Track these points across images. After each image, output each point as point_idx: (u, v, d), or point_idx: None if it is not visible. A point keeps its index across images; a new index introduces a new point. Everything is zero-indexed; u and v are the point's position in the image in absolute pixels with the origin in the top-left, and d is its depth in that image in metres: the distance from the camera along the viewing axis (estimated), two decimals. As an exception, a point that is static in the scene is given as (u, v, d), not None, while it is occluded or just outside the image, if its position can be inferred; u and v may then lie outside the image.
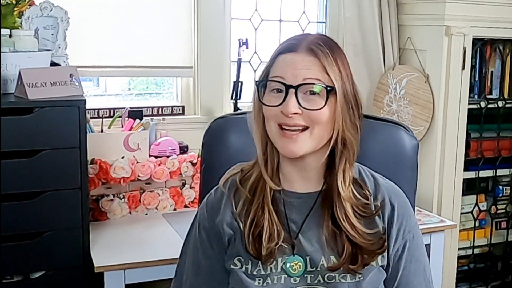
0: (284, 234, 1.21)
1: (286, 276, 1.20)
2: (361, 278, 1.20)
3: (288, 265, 1.20)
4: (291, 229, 1.22)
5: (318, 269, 1.20)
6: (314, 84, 1.15)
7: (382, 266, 1.23)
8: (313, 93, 1.15)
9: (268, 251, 1.19)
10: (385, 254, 1.23)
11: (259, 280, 1.20)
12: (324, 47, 1.18)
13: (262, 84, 1.20)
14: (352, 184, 1.23)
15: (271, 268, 1.20)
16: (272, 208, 1.22)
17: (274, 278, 1.20)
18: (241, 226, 1.22)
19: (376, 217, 1.23)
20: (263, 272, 1.20)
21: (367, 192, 1.24)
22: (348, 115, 1.19)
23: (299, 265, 1.20)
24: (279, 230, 1.20)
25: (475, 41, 2.64)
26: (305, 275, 1.20)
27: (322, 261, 1.20)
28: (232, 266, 1.22)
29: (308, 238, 1.22)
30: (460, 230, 2.78)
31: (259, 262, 1.20)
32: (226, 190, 1.27)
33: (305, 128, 1.17)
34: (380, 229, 1.22)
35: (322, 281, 1.20)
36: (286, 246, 1.21)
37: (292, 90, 1.15)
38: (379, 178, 1.28)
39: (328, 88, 1.15)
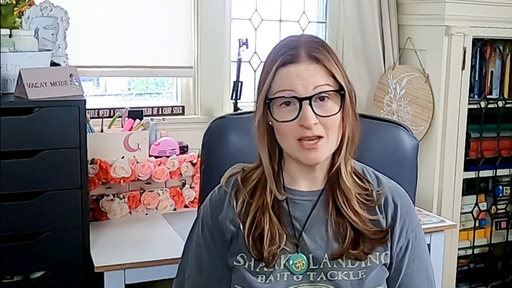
0: (286, 236, 1.21)
1: (289, 273, 1.20)
2: (364, 276, 1.20)
3: (291, 262, 1.21)
4: (295, 227, 1.23)
5: (321, 266, 1.20)
6: (326, 91, 1.15)
7: (384, 265, 1.24)
8: (322, 98, 1.16)
9: (270, 254, 1.19)
10: (388, 252, 1.24)
11: (262, 277, 1.20)
12: (322, 50, 1.18)
13: (271, 102, 1.17)
14: (354, 176, 1.25)
15: (274, 265, 1.21)
16: (275, 207, 1.22)
17: (277, 275, 1.20)
18: (241, 227, 1.22)
19: (379, 214, 1.24)
20: (266, 269, 1.20)
21: (368, 184, 1.25)
22: (352, 110, 1.21)
23: (302, 263, 1.21)
24: (281, 233, 1.21)
25: (475, 41, 2.64)
26: (308, 273, 1.21)
27: (325, 259, 1.21)
28: (235, 263, 1.23)
29: (312, 235, 1.22)
30: (460, 230, 2.78)
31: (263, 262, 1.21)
32: (228, 189, 1.27)
33: (322, 136, 1.17)
34: (381, 222, 1.23)
35: (325, 278, 1.20)
36: (289, 246, 1.21)
37: (306, 102, 1.14)
38: (382, 178, 1.29)
39: (341, 92, 1.17)
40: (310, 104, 1.14)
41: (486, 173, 2.84)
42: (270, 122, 1.21)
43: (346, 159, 1.23)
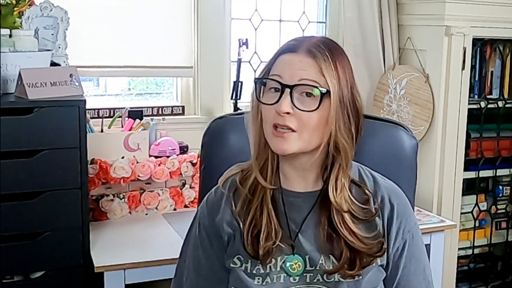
0: (283, 234, 1.21)
1: (285, 275, 1.20)
2: (360, 278, 1.20)
3: (287, 264, 1.21)
4: (291, 228, 1.23)
5: (317, 268, 1.20)
6: (309, 85, 1.15)
7: (381, 266, 1.24)
8: (309, 95, 1.15)
9: (265, 250, 1.19)
10: (385, 253, 1.23)
11: (259, 278, 1.20)
12: (324, 49, 1.17)
13: (260, 82, 1.21)
14: (350, 186, 1.22)
15: (270, 267, 1.21)
16: (272, 207, 1.22)
17: (274, 277, 1.20)
18: (241, 226, 1.22)
19: (377, 218, 1.23)
20: (262, 271, 1.21)
21: (367, 192, 1.24)
22: (342, 120, 1.17)
23: (299, 264, 1.21)
24: (277, 229, 1.20)
25: (475, 41, 2.64)
26: (305, 274, 1.21)
27: (321, 261, 1.20)
28: (232, 265, 1.23)
29: (308, 237, 1.22)
30: (460, 230, 2.78)
31: (259, 261, 1.20)
32: (226, 191, 1.27)
33: (294, 130, 1.16)
34: (380, 230, 1.22)
35: (321, 280, 1.20)
36: (285, 246, 1.21)
37: (287, 90, 1.15)
38: (378, 178, 1.28)
39: (323, 91, 1.15)
40: (291, 93, 1.15)
41: (486, 173, 2.84)
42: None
43: (338, 174, 1.20)
